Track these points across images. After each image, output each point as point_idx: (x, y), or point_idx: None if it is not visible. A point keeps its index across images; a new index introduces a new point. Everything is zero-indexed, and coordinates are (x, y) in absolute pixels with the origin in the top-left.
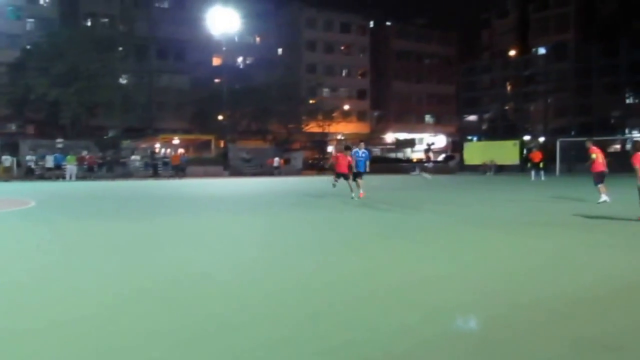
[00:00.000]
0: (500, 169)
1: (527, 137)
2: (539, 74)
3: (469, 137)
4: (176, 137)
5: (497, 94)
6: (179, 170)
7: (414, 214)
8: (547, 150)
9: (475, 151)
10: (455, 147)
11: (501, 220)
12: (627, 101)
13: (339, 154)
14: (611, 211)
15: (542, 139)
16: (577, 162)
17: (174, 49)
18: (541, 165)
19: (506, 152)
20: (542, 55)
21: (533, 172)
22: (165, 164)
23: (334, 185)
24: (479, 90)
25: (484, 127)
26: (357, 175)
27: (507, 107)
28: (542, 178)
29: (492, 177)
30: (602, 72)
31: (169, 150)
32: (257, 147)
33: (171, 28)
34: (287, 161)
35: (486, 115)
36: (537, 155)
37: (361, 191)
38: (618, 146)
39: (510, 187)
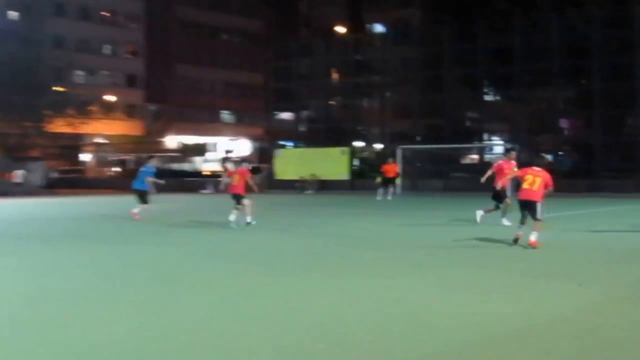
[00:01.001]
0: (323, 186)
1: (359, 144)
2: (374, 60)
3: (282, 143)
4: None
5: (319, 85)
6: None
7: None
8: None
9: (291, 161)
10: (264, 156)
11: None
12: (486, 98)
13: (240, 170)
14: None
15: (379, 146)
16: (423, 177)
17: None
18: (396, 181)
19: (332, 163)
20: (379, 35)
21: (381, 190)
22: None
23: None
24: (296, 79)
25: (302, 129)
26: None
27: (332, 103)
28: (389, 197)
29: (314, 196)
30: (455, 61)
31: None
32: None
33: None
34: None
35: (305, 114)
36: (391, 169)
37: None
38: (475, 156)
39: (359, 210)
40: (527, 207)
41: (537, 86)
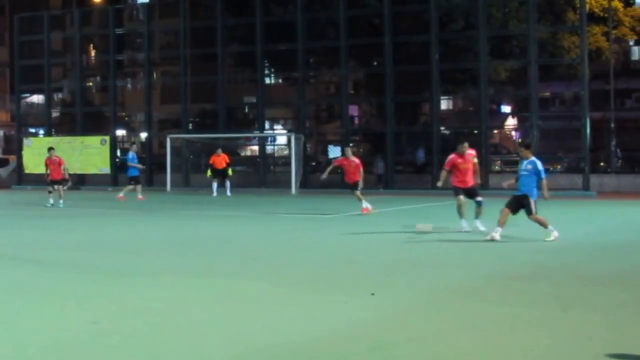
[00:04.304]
0: (82, 181)
1: (122, 132)
2: (137, 34)
3: (32, 131)
4: None
5: (75, 62)
6: None
7: None
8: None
9: (43, 152)
10: (12, 146)
11: None
12: (266, 81)
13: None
14: None
15: (143, 135)
16: (197, 171)
17: None
18: (230, 172)
19: (91, 154)
20: (144, 6)
21: (215, 185)
22: None
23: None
24: (47, 56)
25: (56, 114)
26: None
27: (90, 84)
28: (229, 193)
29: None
30: (230, 38)
31: None
32: None
33: None
34: None
35: (59, 96)
36: (221, 160)
37: None
38: (256, 147)
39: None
40: (353, 187)
41: (323, 67)
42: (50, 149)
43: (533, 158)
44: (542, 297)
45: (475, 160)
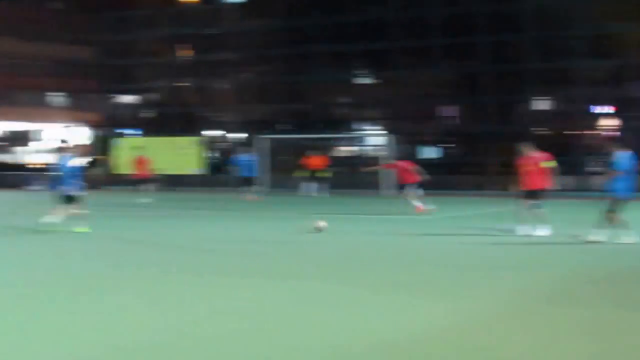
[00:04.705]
0: (175, 182)
1: (213, 132)
2: (229, 34)
3: (123, 131)
4: None
5: (165, 63)
6: None
7: None
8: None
9: (133, 153)
10: (105, 146)
11: None
12: (358, 80)
13: None
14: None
15: (235, 135)
16: (291, 171)
17: None
18: (325, 173)
19: (182, 154)
20: (235, 5)
21: (311, 185)
22: None
23: None
24: (137, 55)
25: (147, 114)
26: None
27: (181, 84)
28: (321, 194)
29: (156, 194)
30: (322, 37)
31: None
32: None
33: None
34: None
35: (149, 97)
36: (318, 160)
37: None
38: (351, 148)
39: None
40: (402, 188)
41: (416, 67)
42: (137, 148)
43: (618, 152)
44: (627, 300)
45: (546, 164)
